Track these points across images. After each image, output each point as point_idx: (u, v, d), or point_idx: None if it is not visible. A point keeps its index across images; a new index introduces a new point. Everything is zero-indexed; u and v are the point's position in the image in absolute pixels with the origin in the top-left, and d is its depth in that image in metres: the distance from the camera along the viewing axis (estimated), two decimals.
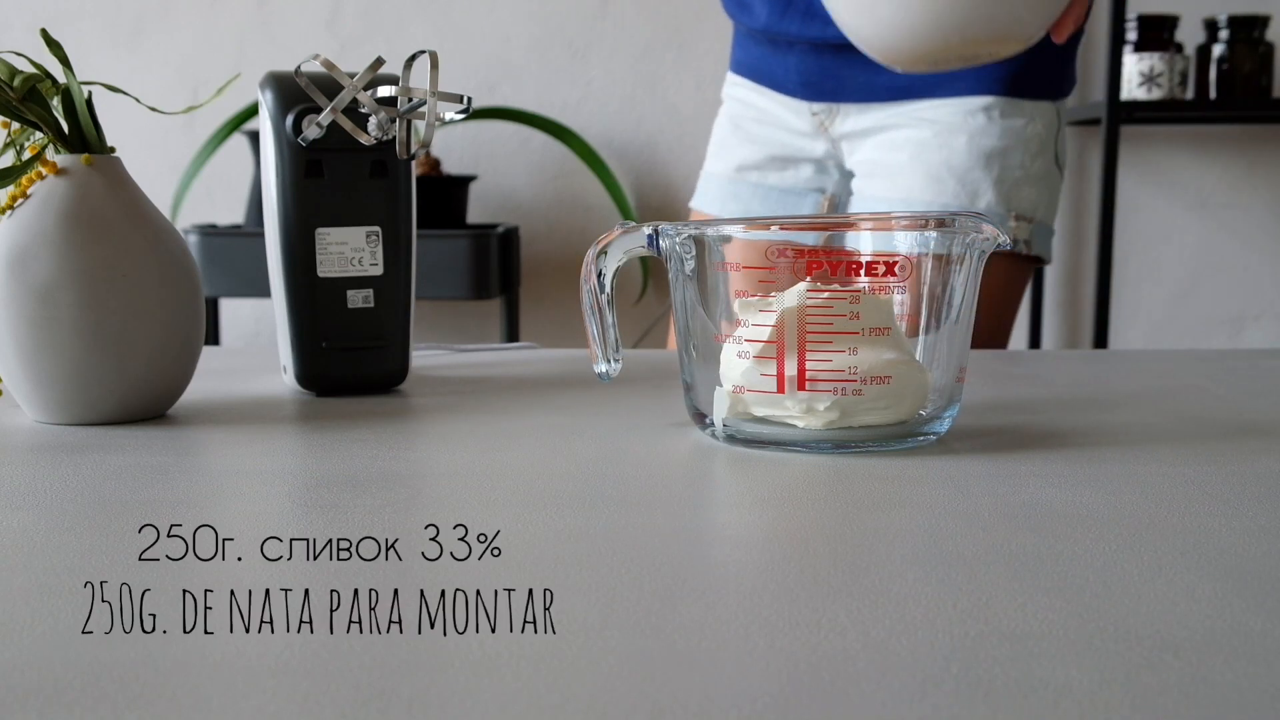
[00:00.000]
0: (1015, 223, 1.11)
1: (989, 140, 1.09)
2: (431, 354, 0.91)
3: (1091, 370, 0.83)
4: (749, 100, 1.22)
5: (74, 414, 0.61)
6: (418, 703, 0.28)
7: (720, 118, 1.27)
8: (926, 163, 1.10)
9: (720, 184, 1.24)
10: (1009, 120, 1.10)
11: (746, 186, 1.22)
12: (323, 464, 0.53)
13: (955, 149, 1.09)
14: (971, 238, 0.55)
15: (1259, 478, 0.50)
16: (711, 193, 1.25)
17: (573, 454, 0.55)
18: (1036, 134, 1.12)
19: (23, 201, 0.61)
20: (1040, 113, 1.12)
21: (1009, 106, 1.10)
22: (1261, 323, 2.36)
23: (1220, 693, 0.28)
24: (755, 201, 1.22)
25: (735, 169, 1.22)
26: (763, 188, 1.21)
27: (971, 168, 1.09)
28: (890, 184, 1.12)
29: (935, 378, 0.56)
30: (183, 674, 0.29)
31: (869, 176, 1.15)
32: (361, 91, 0.65)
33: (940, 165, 1.10)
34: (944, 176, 1.09)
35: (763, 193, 1.21)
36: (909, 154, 1.11)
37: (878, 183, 1.14)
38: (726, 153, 1.24)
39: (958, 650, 0.31)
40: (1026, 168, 1.11)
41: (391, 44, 2.28)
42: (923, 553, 0.39)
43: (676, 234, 0.57)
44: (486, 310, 2.34)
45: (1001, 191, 1.10)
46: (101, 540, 0.40)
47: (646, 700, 0.28)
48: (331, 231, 0.70)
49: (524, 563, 0.38)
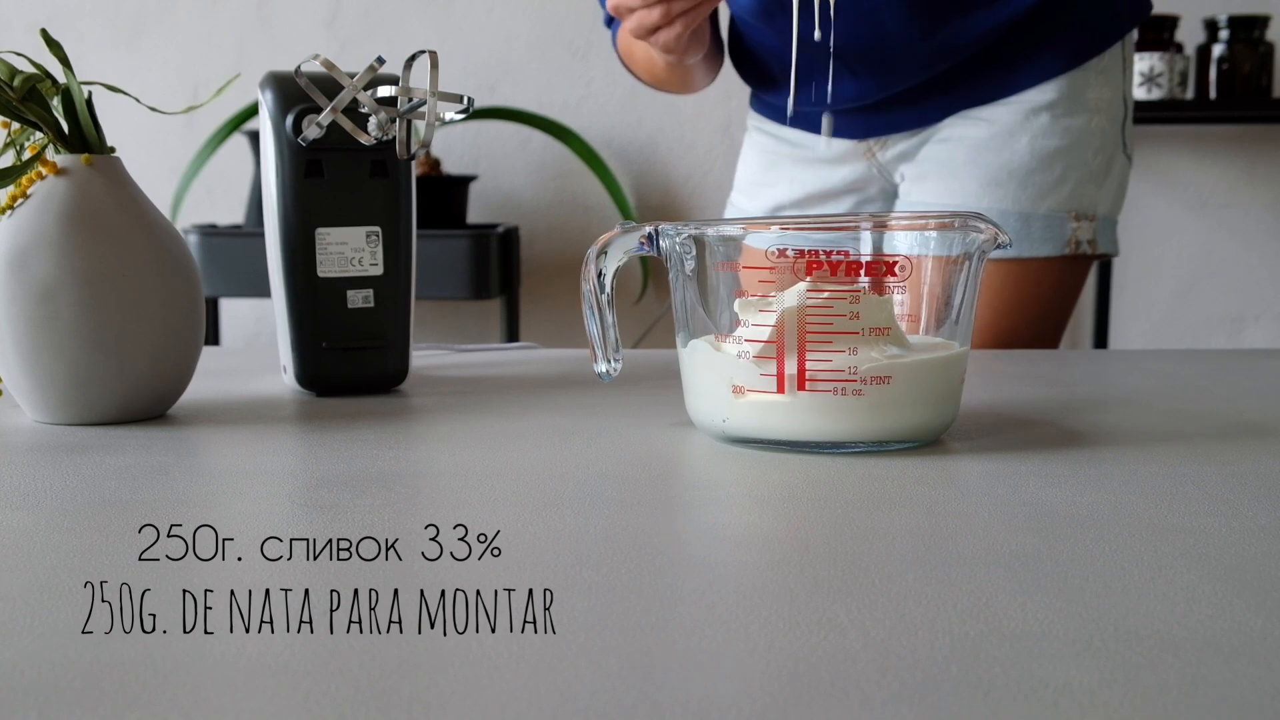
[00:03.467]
0: (1077, 223, 1.07)
1: (1051, 141, 1.05)
2: (431, 354, 0.91)
3: (1091, 370, 0.83)
4: (779, 134, 1.18)
5: (74, 414, 0.61)
6: (418, 703, 0.28)
7: (750, 149, 1.23)
8: (986, 165, 1.06)
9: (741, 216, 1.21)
10: (1071, 119, 1.06)
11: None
12: (323, 464, 0.53)
13: (1016, 151, 1.05)
14: (972, 238, 0.55)
15: (1259, 478, 0.50)
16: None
17: (573, 454, 0.55)
18: (1101, 128, 1.07)
19: (23, 201, 0.61)
20: (1104, 104, 1.07)
21: (1071, 104, 1.06)
22: (1261, 323, 2.36)
23: (1220, 693, 0.28)
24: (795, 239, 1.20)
25: (772, 208, 1.19)
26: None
27: (1034, 170, 1.06)
28: (944, 186, 1.08)
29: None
30: (183, 674, 0.29)
31: (920, 180, 1.11)
32: (361, 91, 0.65)
33: (1001, 169, 1.06)
34: (1005, 180, 1.06)
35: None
36: (965, 155, 1.07)
37: (930, 186, 1.09)
38: (762, 191, 1.20)
39: (958, 650, 0.31)
40: (1089, 165, 1.07)
41: (391, 44, 2.28)
42: (923, 553, 0.39)
43: (676, 234, 0.57)
44: (486, 310, 2.34)
45: (1063, 193, 1.06)
46: (101, 540, 0.40)
47: (646, 700, 0.28)
48: (331, 231, 0.70)
49: (524, 563, 0.38)
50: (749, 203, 1.22)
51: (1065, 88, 1.06)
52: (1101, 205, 1.10)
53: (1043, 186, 1.06)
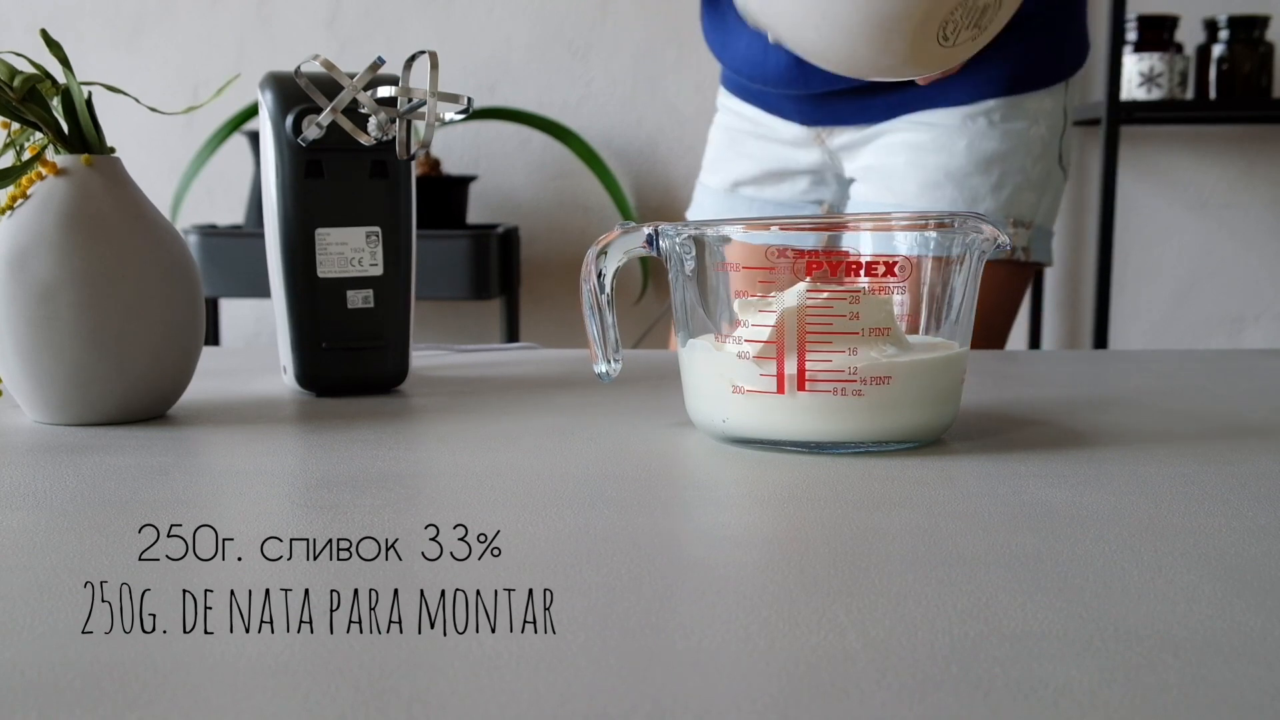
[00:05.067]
0: (1013, 229, 1.09)
1: (989, 144, 1.07)
2: (431, 354, 0.91)
3: (1091, 370, 0.83)
4: (742, 112, 1.21)
5: (74, 414, 0.61)
6: (418, 703, 0.28)
7: (715, 129, 1.26)
8: (924, 167, 1.09)
9: (716, 198, 1.23)
10: (1010, 124, 1.08)
11: (742, 201, 1.21)
12: (323, 464, 0.53)
13: (954, 153, 1.08)
14: (971, 238, 0.55)
15: (1259, 478, 0.50)
16: (707, 206, 1.25)
17: (573, 454, 0.55)
18: (1039, 136, 1.09)
19: (23, 201, 0.61)
20: (1044, 114, 1.09)
21: (1011, 109, 1.08)
22: (1261, 323, 2.36)
23: (1220, 693, 0.28)
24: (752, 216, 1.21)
25: (731, 184, 1.22)
26: (758, 202, 1.21)
27: (970, 173, 1.07)
28: (886, 188, 1.11)
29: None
30: (183, 674, 0.29)
31: (865, 181, 1.14)
32: (361, 91, 0.65)
33: (938, 170, 1.08)
34: (941, 182, 1.08)
35: (758, 207, 1.21)
36: (905, 158, 1.10)
37: (873, 187, 1.12)
38: (722, 166, 1.23)
39: (958, 650, 0.31)
40: (1027, 172, 1.09)
41: (391, 44, 2.28)
42: (923, 553, 0.39)
43: (676, 234, 0.57)
44: (486, 310, 2.34)
45: (1000, 197, 1.08)
46: (101, 540, 0.40)
47: (646, 700, 0.28)
48: (331, 232, 0.70)
49: (524, 563, 0.38)
50: (712, 178, 1.24)
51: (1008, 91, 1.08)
52: (1039, 214, 1.12)
53: (980, 190, 1.08)
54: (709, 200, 1.25)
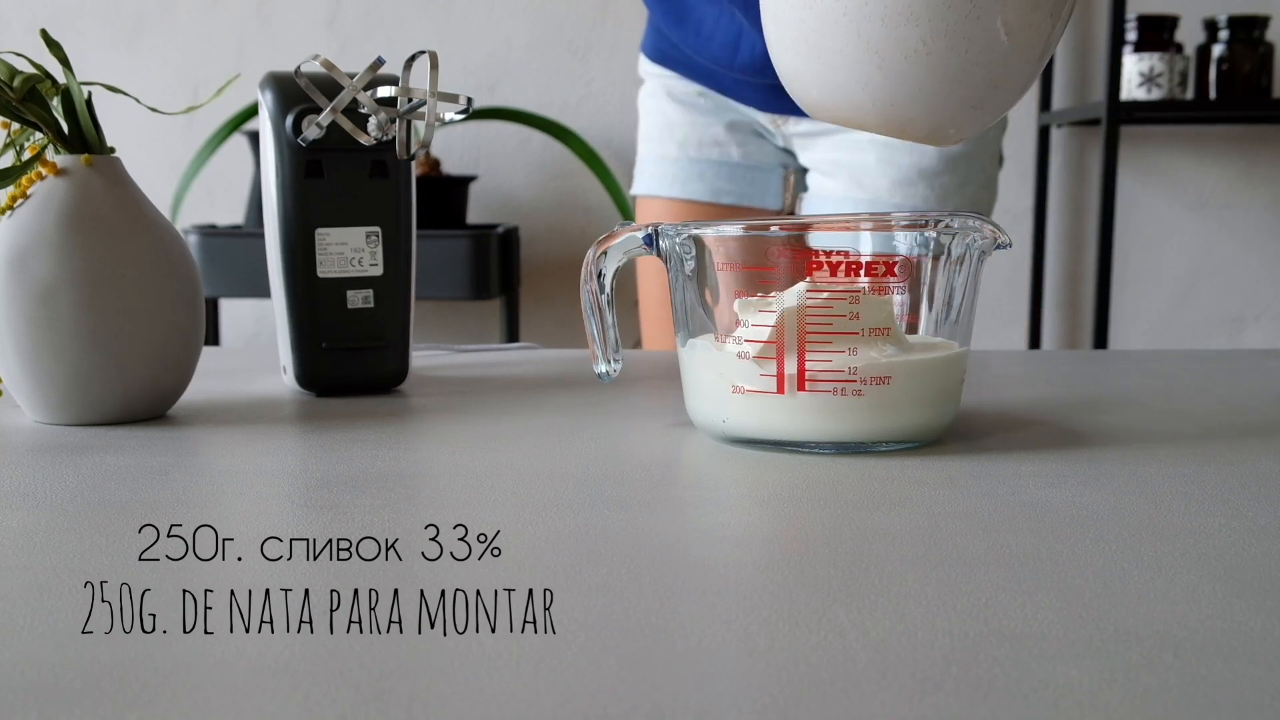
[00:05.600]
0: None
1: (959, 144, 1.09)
2: (431, 354, 0.91)
3: (1091, 370, 0.83)
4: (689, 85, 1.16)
5: (74, 414, 0.61)
6: (418, 703, 0.28)
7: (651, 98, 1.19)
8: (897, 165, 1.10)
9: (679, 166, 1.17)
10: None
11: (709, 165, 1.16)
12: (323, 464, 0.53)
13: (926, 152, 1.09)
14: (972, 238, 0.55)
15: (1259, 478, 0.50)
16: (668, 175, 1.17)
17: (573, 454, 0.55)
18: (994, 136, 1.13)
19: (23, 201, 0.61)
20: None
21: None
22: (1261, 323, 2.36)
23: (1220, 693, 0.28)
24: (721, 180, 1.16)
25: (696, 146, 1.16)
26: (727, 165, 1.16)
27: (940, 171, 1.10)
28: (855, 184, 1.11)
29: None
30: (183, 674, 0.29)
31: (832, 176, 1.13)
32: (361, 91, 0.65)
33: (911, 168, 1.09)
34: (915, 180, 1.09)
35: (728, 170, 1.16)
36: (876, 155, 1.10)
37: (841, 183, 1.12)
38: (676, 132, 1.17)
39: (958, 650, 0.31)
40: (985, 170, 1.13)
41: (391, 44, 2.28)
42: (923, 553, 0.39)
43: (676, 234, 0.57)
44: (486, 310, 2.34)
45: (965, 195, 1.11)
46: (101, 540, 0.40)
47: (646, 700, 0.28)
48: (331, 231, 0.70)
49: (524, 563, 0.38)
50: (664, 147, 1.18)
51: None
52: (991, 209, 1.16)
53: (948, 187, 1.10)
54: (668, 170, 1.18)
